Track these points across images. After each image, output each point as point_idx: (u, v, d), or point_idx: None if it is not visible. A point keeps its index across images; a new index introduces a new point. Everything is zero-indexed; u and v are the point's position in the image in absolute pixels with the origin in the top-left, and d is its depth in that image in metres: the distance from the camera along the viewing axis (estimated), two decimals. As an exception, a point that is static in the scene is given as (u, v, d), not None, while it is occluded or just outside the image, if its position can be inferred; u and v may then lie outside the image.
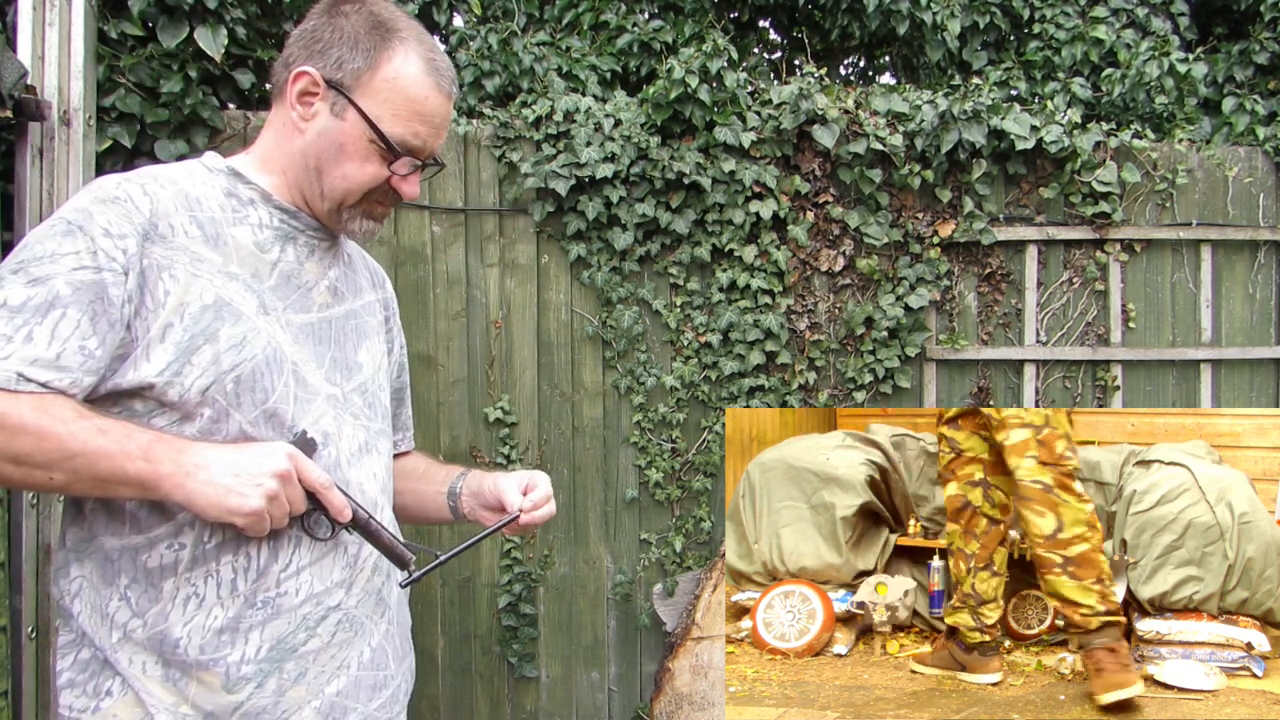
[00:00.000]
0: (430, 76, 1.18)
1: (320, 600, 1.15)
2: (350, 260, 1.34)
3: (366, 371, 1.28)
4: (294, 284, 1.20)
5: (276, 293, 1.17)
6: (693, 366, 3.25)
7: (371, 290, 1.37)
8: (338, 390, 1.22)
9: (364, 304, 1.33)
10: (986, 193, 3.34)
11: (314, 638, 1.14)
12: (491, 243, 3.23)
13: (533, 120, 3.17)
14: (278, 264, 1.19)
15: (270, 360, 1.12)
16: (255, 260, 1.16)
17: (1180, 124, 3.83)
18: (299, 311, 1.19)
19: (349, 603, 1.18)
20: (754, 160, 3.23)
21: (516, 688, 3.29)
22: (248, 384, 1.10)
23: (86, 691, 1.11)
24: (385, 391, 1.33)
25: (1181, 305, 3.47)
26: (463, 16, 3.91)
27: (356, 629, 1.19)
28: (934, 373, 3.37)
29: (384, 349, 1.37)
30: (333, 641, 1.16)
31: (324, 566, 1.15)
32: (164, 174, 1.15)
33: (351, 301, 1.30)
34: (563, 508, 3.28)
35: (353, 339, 1.28)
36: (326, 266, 1.26)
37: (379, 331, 1.36)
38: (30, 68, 2.50)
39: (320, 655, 1.15)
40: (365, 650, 1.21)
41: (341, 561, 1.17)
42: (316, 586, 1.14)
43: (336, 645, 1.17)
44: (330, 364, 1.22)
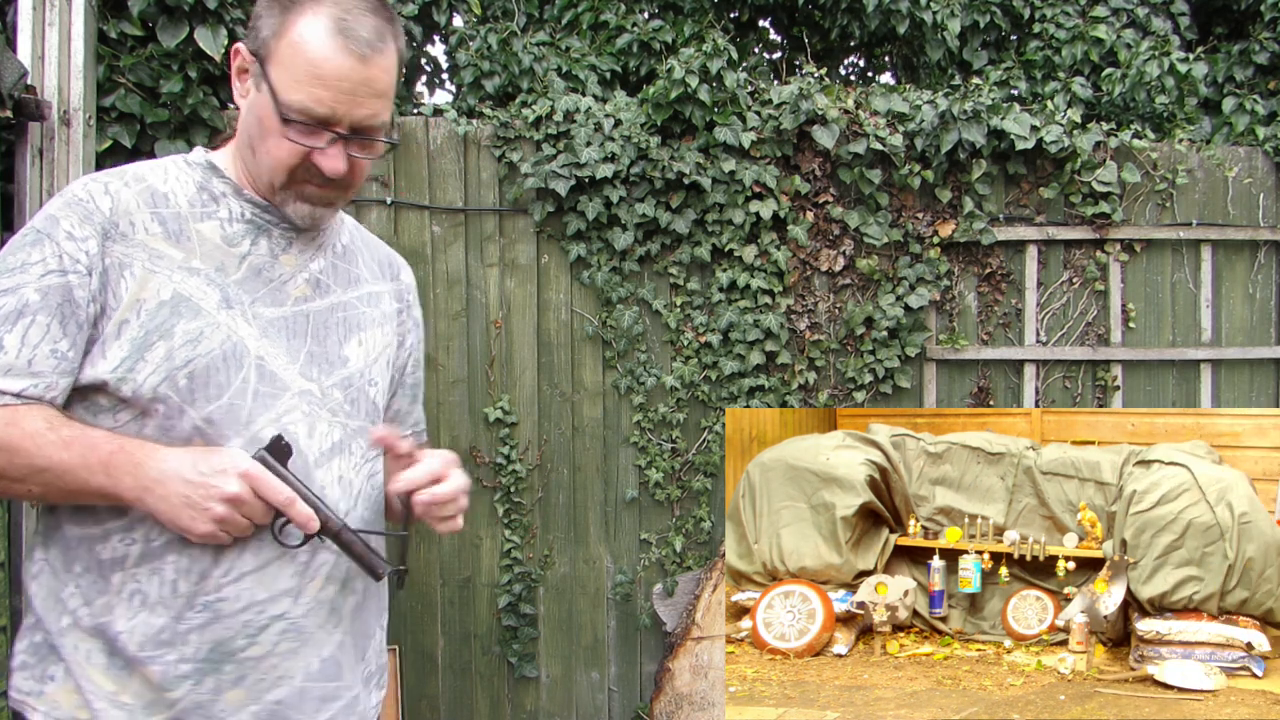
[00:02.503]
0: (335, 38, 1.08)
1: (263, 608, 1.11)
2: (345, 251, 1.30)
3: (353, 366, 1.24)
4: (265, 277, 1.17)
5: (244, 286, 1.15)
6: (693, 366, 3.25)
7: (377, 281, 1.33)
8: (314, 385, 1.18)
9: (361, 295, 1.29)
10: (986, 193, 3.34)
11: (254, 645, 1.11)
12: (491, 243, 3.23)
13: (533, 120, 3.17)
14: (247, 257, 1.16)
15: (229, 355, 1.10)
16: (222, 254, 1.14)
17: (1180, 124, 3.83)
18: (270, 305, 1.16)
19: (296, 612, 1.14)
20: (754, 160, 3.23)
21: (516, 688, 3.29)
22: (201, 380, 1.08)
23: (34, 675, 1.12)
24: (378, 387, 1.28)
25: (1181, 305, 3.47)
26: (463, 16, 3.91)
27: (304, 639, 1.15)
28: (934, 373, 3.37)
29: (389, 342, 1.32)
30: (275, 650, 1.13)
31: (268, 574, 1.12)
32: (134, 171, 1.15)
33: (341, 294, 1.25)
34: (563, 508, 3.28)
35: (338, 332, 1.23)
36: (308, 259, 1.22)
37: (383, 323, 1.31)
38: (30, 68, 2.50)
39: (261, 663, 1.12)
40: (314, 661, 1.17)
41: (290, 570, 1.13)
42: (259, 594, 1.11)
43: (280, 655, 1.13)
44: (307, 358, 1.18)
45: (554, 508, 3.28)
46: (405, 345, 1.38)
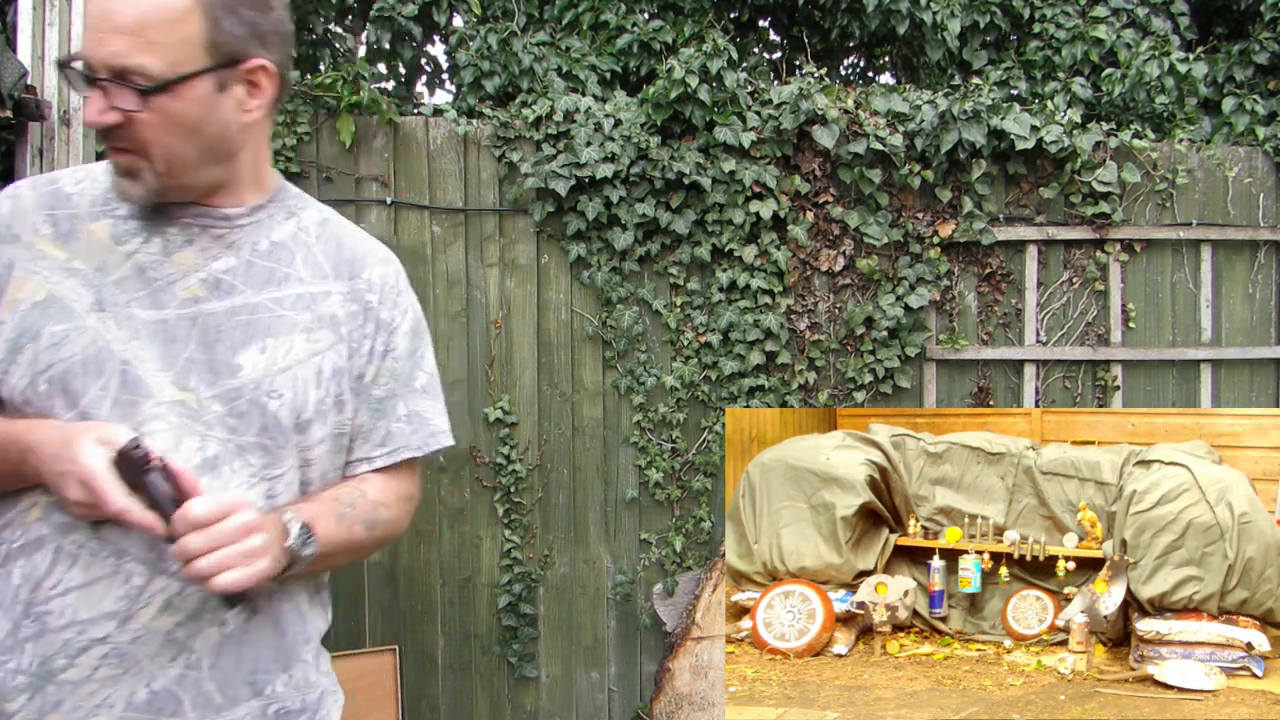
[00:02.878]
0: None
1: (83, 629, 1.04)
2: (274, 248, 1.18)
3: (246, 375, 1.11)
4: (148, 277, 1.10)
5: (122, 286, 1.09)
6: (693, 366, 3.25)
7: (321, 280, 1.20)
8: (190, 395, 1.08)
9: (283, 297, 1.16)
10: (986, 193, 3.34)
11: (73, 667, 1.05)
12: (491, 243, 3.23)
13: (533, 120, 3.17)
14: (133, 255, 1.10)
15: (89, 361, 1.05)
16: (105, 253, 1.10)
17: (1180, 124, 3.83)
18: (147, 307, 1.09)
19: (121, 638, 1.05)
20: (754, 160, 3.23)
21: (516, 688, 3.29)
22: (59, 385, 1.05)
23: None
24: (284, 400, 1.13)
25: (1181, 305, 3.47)
26: (463, 16, 3.91)
27: (128, 667, 1.06)
28: (934, 373, 3.37)
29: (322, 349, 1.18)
30: (94, 676, 1.05)
31: (93, 593, 1.04)
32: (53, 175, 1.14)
33: (251, 295, 1.14)
34: (563, 508, 3.28)
35: (234, 337, 1.11)
36: (211, 258, 1.13)
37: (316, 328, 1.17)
38: (30, 68, 2.50)
39: (79, 688, 1.05)
40: (140, 692, 1.08)
41: (119, 592, 1.05)
42: (81, 613, 1.04)
43: (99, 681, 1.05)
44: (185, 365, 1.09)
45: (554, 508, 3.28)
46: (362, 351, 1.22)
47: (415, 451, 1.29)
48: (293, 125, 3.05)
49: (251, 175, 1.18)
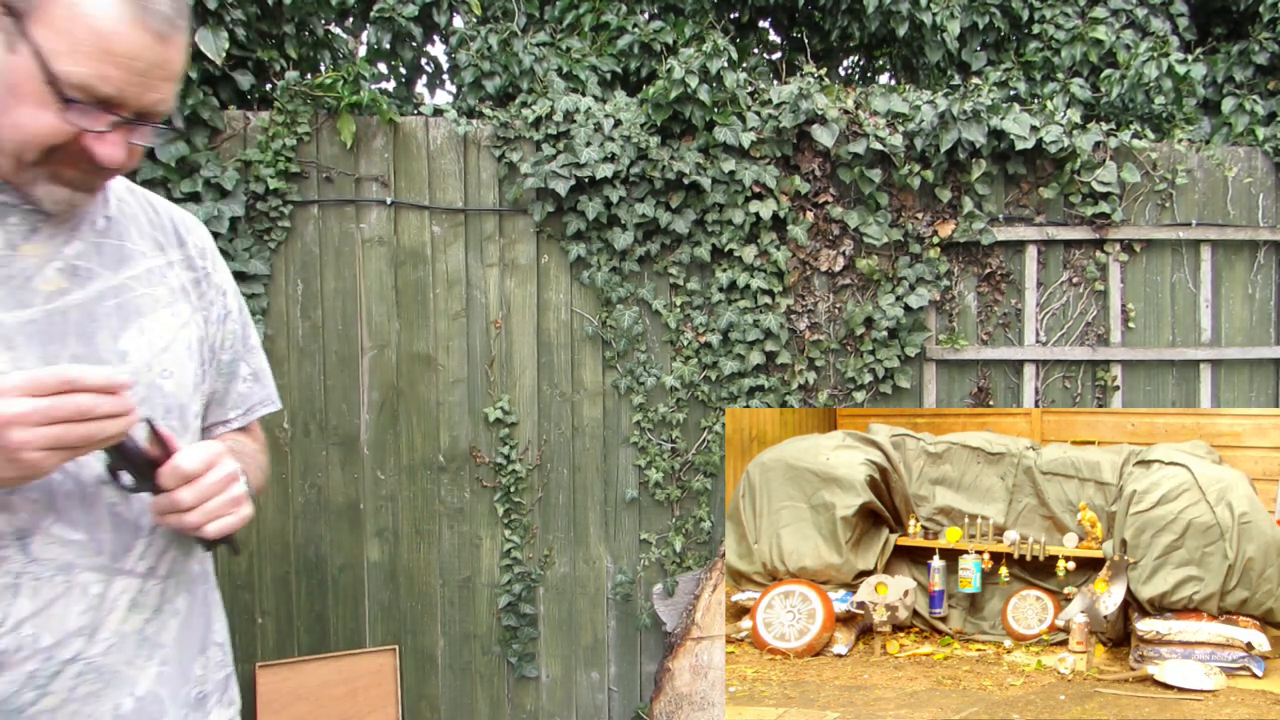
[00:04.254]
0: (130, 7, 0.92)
1: (51, 654, 0.98)
2: (110, 225, 1.10)
3: (136, 360, 1.06)
4: (3, 275, 0.98)
5: None
6: (693, 366, 3.25)
7: (158, 253, 1.14)
8: None
9: (139, 274, 1.10)
10: (986, 193, 3.34)
11: (46, 696, 0.98)
12: (491, 243, 3.23)
13: (533, 120, 3.17)
14: None
15: None
16: None
17: (1180, 124, 3.84)
18: (11, 308, 0.98)
19: (92, 651, 1.00)
20: (754, 160, 3.23)
21: (516, 688, 3.29)
22: None
23: None
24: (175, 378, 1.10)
25: (1181, 305, 3.47)
26: (463, 17, 3.91)
27: (108, 680, 1.02)
28: (934, 373, 3.37)
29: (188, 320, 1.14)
30: (73, 697, 0.99)
31: (53, 615, 0.98)
32: None
33: (110, 277, 1.06)
34: (563, 508, 3.28)
35: (110, 324, 1.05)
36: (60, 244, 1.03)
37: (173, 301, 1.13)
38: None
39: (58, 713, 0.99)
40: (125, 701, 1.03)
41: (79, 606, 0.99)
42: (44, 640, 0.97)
43: (79, 700, 1.00)
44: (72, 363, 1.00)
45: (554, 508, 3.28)
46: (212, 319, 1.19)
47: (270, 407, 1.33)
48: (293, 125, 3.05)
49: None
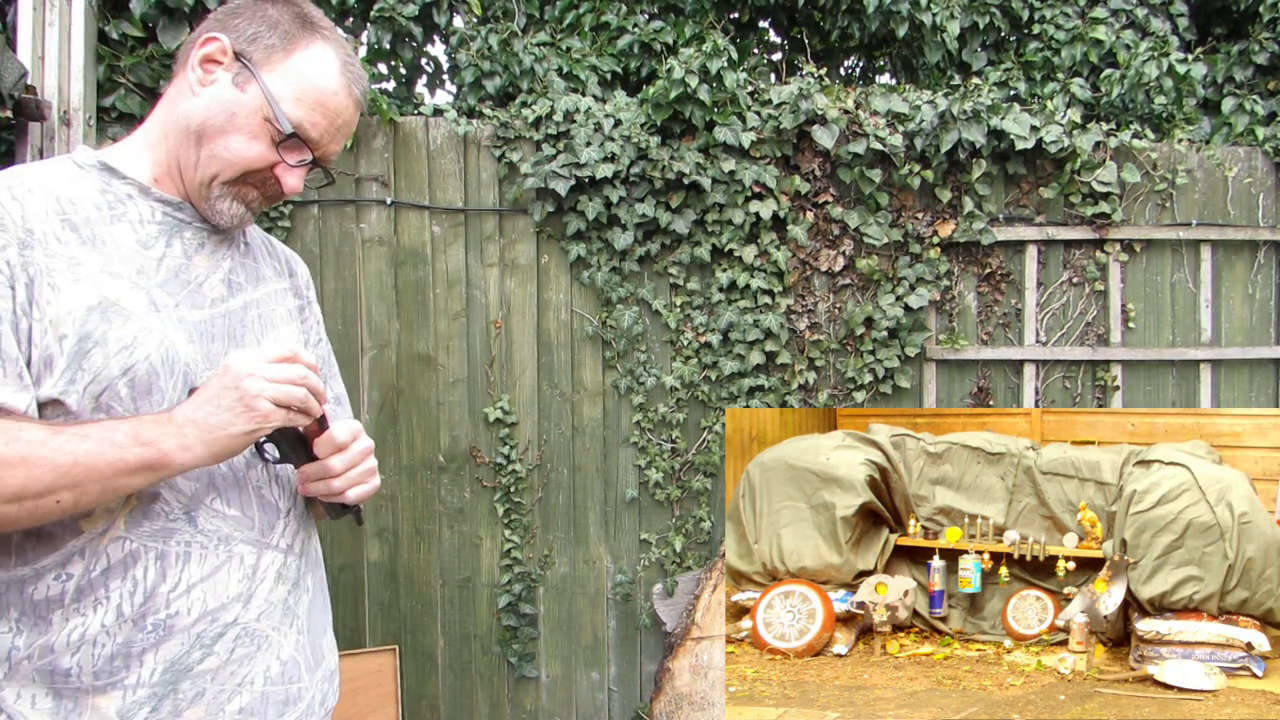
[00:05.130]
0: (344, 76, 1.17)
1: (215, 617, 1.10)
2: (249, 248, 1.27)
3: None
4: (183, 279, 1.14)
5: (166, 289, 1.11)
6: (693, 366, 3.25)
7: (278, 278, 1.31)
8: None
9: (268, 293, 1.27)
10: (986, 193, 3.34)
11: (210, 656, 1.10)
12: (491, 243, 3.23)
13: (533, 120, 3.17)
14: (164, 259, 1.13)
15: (164, 360, 1.07)
16: (139, 257, 1.11)
17: (1180, 124, 3.84)
18: (191, 308, 1.14)
19: (248, 616, 1.13)
20: (754, 160, 3.23)
21: (516, 688, 3.29)
22: (143, 387, 1.05)
23: None
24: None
25: (1181, 305, 3.47)
26: (463, 16, 3.91)
27: (260, 643, 1.14)
28: (934, 373, 3.37)
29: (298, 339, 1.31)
30: (232, 658, 1.11)
31: (217, 581, 1.10)
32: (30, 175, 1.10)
33: (251, 291, 1.23)
34: (563, 508, 3.28)
35: (254, 331, 1.21)
36: (220, 259, 1.20)
37: (290, 320, 1.30)
38: (30, 68, 2.50)
39: (219, 673, 1.10)
40: (273, 664, 1.16)
41: (238, 574, 1.12)
42: (210, 603, 1.09)
43: (237, 661, 1.12)
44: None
45: (554, 508, 3.28)
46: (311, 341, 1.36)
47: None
48: (293, 125, 3.05)
49: None
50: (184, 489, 1.09)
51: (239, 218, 1.17)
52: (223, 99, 1.12)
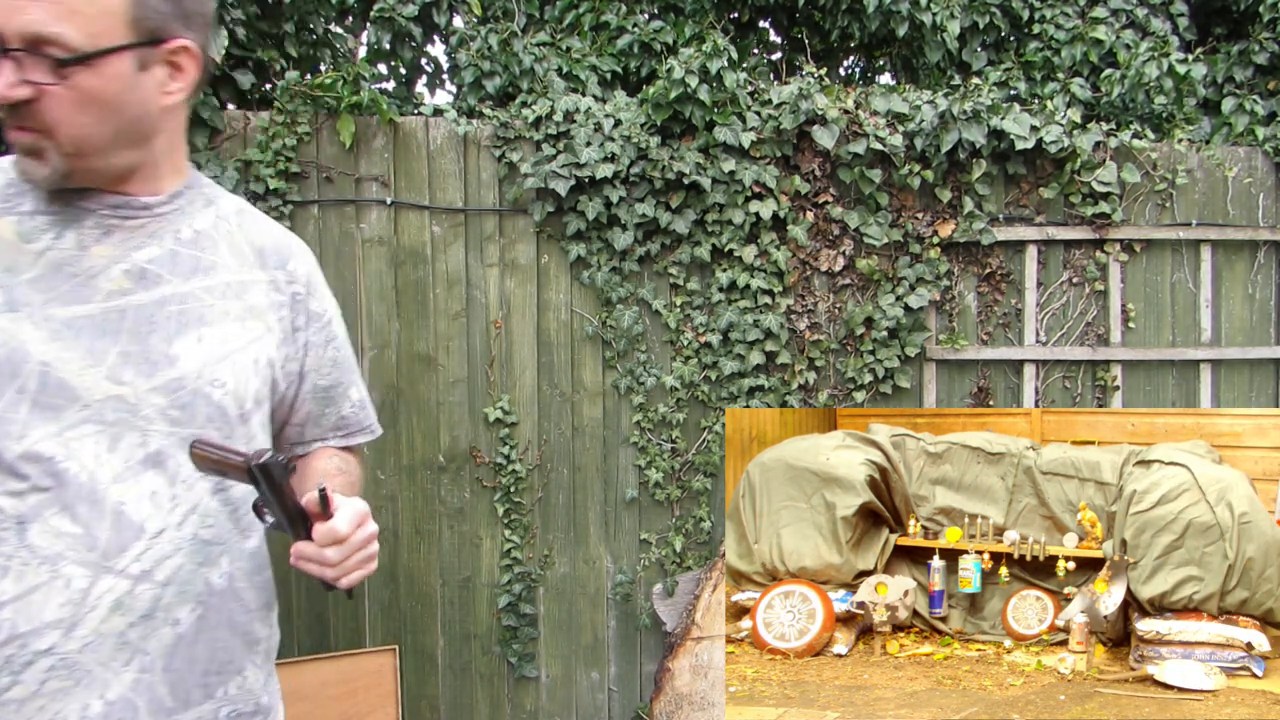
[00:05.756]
0: None
1: (25, 642, 0.99)
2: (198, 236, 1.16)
3: (185, 366, 1.10)
4: (68, 272, 1.05)
5: (37, 285, 1.03)
6: (693, 366, 3.25)
7: (247, 269, 1.19)
8: (126, 389, 1.06)
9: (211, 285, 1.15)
10: (986, 193, 3.34)
11: (17, 684, 1.00)
12: (491, 243, 3.23)
13: (533, 120, 3.17)
14: (46, 253, 1.05)
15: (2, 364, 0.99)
16: (14, 253, 1.03)
17: (1180, 124, 3.84)
18: (70, 303, 1.04)
19: (67, 647, 1.01)
20: (754, 160, 3.23)
21: (516, 688, 3.29)
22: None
23: None
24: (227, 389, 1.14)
25: (1181, 305, 3.47)
26: (463, 17, 3.91)
27: (79, 678, 1.02)
28: (934, 373, 3.37)
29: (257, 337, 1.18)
30: (41, 691, 1.00)
31: (31, 603, 1.00)
32: None
33: (179, 284, 1.12)
34: (563, 508, 3.28)
35: (168, 328, 1.10)
36: (132, 247, 1.09)
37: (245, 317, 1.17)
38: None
39: (26, 704, 1.00)
40: (94, 703, 1.03)
41: (59, 599, 1.01)
42: (20, 625, 0.99)
43: (48, 695, 1.01)
44: (119, 359, 1.06)
45: (554, 508, 3.28)
46: (299, 342, 1.25)
47: (370, 435, 1.39)
48: (293, 125, 3.05)
49: (169, 161, 1.14)
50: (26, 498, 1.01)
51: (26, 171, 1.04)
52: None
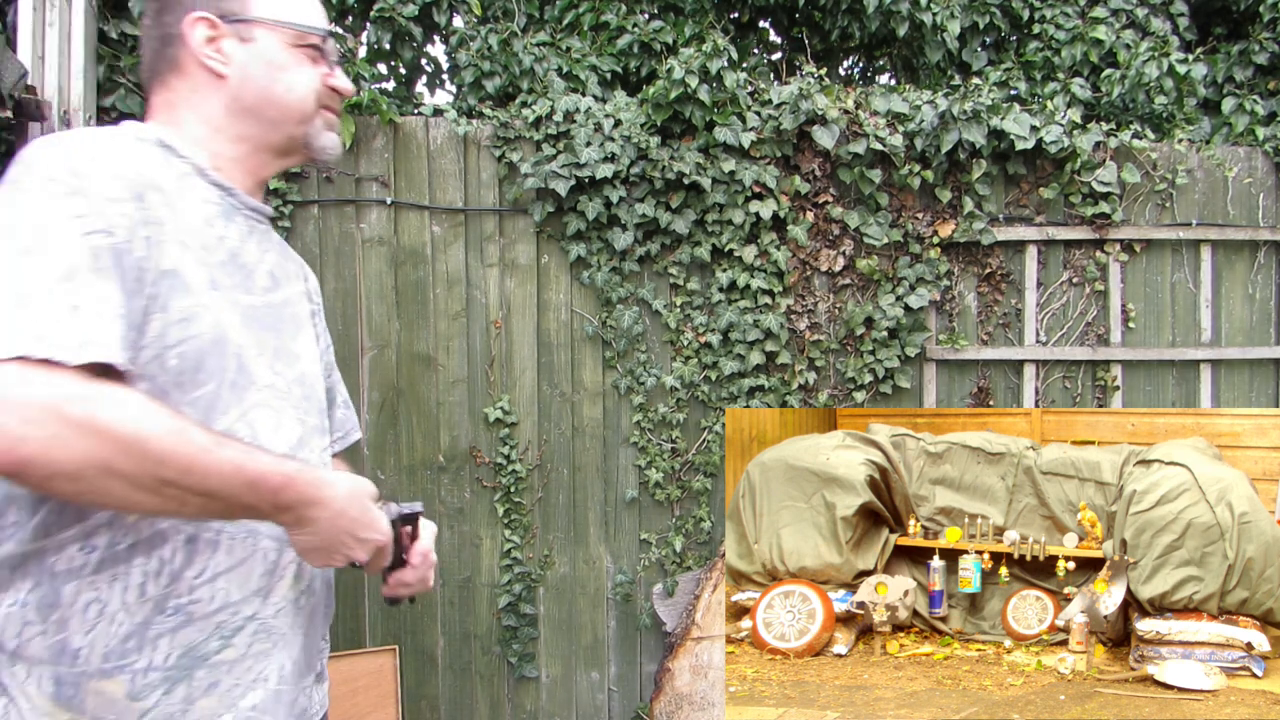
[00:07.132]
0: None
1: (237, 609, 1.06)
2: (283, 249, 1.27)
3: (304, 362, 1.20)
4: (239, 263, 1.11)
5: (224, 270, 1.08)
6: (693, 366, 3.25)
7: (298, 280, 1.28)
8: (280, 379, 1.13)
9: (296, 292, 1.25)
10: (986, 193, 3.34)
11: (229, 647, 1.06)
12: (491, 243, 3.23)
13: (533, 120, 3.17)
14: (224, 240, 1.09)
15: (216, 341, 1.03)
16: (204, 234, 1.06)
17: (1180, 124, 3.83)
18: (245, 293, 1.10)
19: (266, 612, 1.09)
20: (754, 160, 3.23)
21: (516, 688, 3.29)
22: (191, 364, 1.00)
23: None
24: (321, 385, 1.26)
25: (1181, 305, 3.47)
26: (463, 17, 3.91)
27: (275, 640, 1.11)
28: (934, 373, 3.37)
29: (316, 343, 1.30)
30: (249, 653, 1.08)
31: (242, 573, 1.06)
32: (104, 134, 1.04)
33: (287, 289, 1.21)
34: (563, 508, 3.28)
35: (290, 327, 1.19)
36: (264, 250, 1.18)
37: (309, 323, 1.28)
38: (30, 68, 2.50)
39: (235, 666, 1.06)
40: (287, 663, 1.13)
41: (261, 569, 1.09)
42: (234, 594, 1.06)
43: (254, 656, 1.08)
44: (273, 352, 1.13)
45: (554, 508, 3.28)
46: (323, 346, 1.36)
47: (357, 434, 1.47)
48: (293, 125, 3.05)
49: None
50: None
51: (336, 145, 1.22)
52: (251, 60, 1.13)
